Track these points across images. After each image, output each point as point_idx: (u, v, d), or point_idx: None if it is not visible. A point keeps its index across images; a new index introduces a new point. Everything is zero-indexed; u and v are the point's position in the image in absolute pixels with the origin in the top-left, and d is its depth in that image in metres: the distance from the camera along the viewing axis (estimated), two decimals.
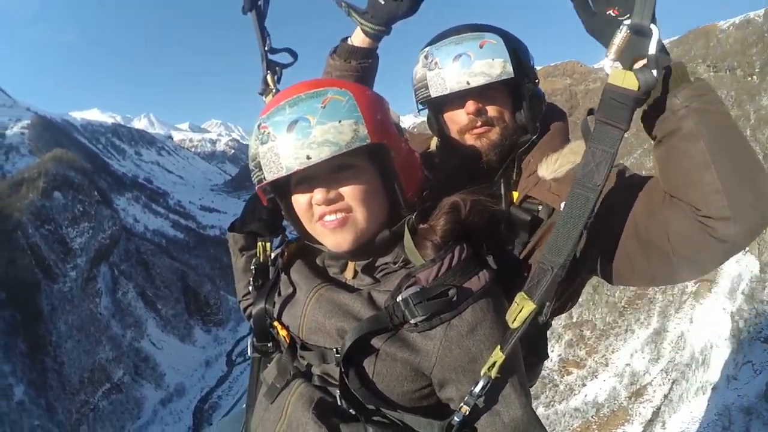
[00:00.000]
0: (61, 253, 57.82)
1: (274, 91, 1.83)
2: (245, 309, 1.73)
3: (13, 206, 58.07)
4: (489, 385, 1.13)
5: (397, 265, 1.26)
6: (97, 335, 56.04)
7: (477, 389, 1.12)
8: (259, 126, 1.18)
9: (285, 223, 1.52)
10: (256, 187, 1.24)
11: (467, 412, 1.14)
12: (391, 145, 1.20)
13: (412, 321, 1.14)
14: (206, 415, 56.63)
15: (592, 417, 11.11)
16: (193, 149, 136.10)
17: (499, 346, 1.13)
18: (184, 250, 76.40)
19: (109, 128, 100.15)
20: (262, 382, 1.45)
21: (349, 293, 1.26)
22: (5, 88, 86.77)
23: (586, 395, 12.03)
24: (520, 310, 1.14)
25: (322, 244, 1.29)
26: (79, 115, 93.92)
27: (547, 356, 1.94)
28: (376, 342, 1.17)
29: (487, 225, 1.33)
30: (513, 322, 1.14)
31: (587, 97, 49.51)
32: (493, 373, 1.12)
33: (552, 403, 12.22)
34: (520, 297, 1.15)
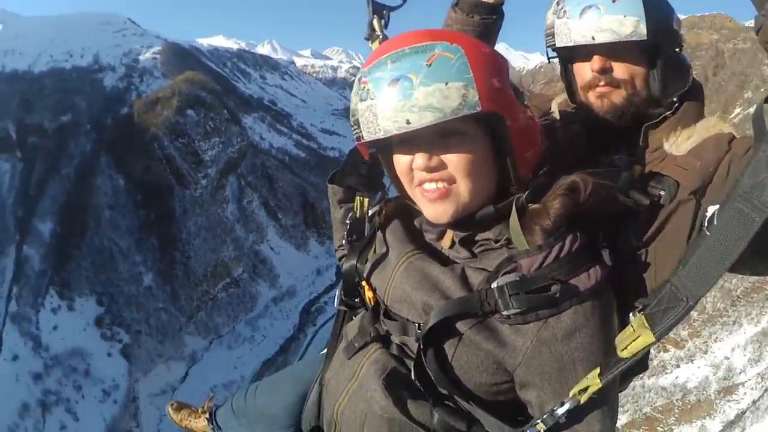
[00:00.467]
0: (194, 164, 63.74)
1: (380, 37, 1.71)
2: (339, 259, 1.61)
3: (150, 122, 64.16)
4: (574, 408, 1.02)
5: (498, 244, 1.14)
6: (222, 236, 61.54)
7: (560, 411, 1.02)
8: (359, 80, 1.08)
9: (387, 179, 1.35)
10: (356, 143, 1.16)
11: (543, 431, 1.05)
12: (507, 115, 1.06)
13: (505, 313, 1.04)
14: (312, 316, 59.82)
15: (676, 400, 11.64)
16: (314, 75, 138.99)
17: (597, 370, 1.01)
18: (305, 169, 79.81)
19: (234, 53, 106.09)
20: (343, 335, 1.41)
21: (442, 266, 1.17)
22: (135, 20, 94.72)
23: (677, 377, 12.33)
24: (635, 338, 0.99)
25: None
26: (205, 42, 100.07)
27: (647, 367, 1.61)
28: (461, 326, 1.08)
29: (606, 212, 1.18)
30: (622, 350, 1.00)
31: (735, 57, 43.90)
32: (583, 399, 1.01)
33: (641, 375, 11.09)
34: (638, 322, 0.99)
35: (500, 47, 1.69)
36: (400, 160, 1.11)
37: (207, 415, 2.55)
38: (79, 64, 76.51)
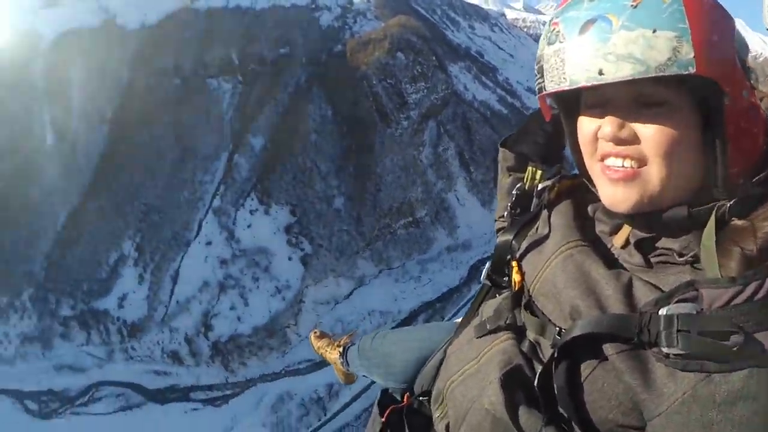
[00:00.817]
0: (398, 104, 64.31)
1: None
2: (497, 231, 1.53)
3: (361, 60, 66.16)
4: None
5: (683, 259, 0.92)
6: (414, 177, 61.84)
7: None
8: (551, 22, 0.94)
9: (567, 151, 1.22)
10: (537, 96, 1.03)
11: None
12: (728, 88, 0.82)
13: (665, 350, 0.82)
14: (479, 274, 57.02)
15: None
16: (525, 30, 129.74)
17: None
18: (505, 126, 75.78)
19: (445, 1, 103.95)
20: (480, 312, 1.35)
21: (606, 268, 0.97)
22: None
23: None
24: None
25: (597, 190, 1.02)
26: None
27: None
28: (608, 347, 0.89)
29: None
30: None
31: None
32: None
33: None
34: None
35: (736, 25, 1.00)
36: (585, 125, 0.94)
37: (341, 350, 2.68)
38: (298, 3, 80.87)
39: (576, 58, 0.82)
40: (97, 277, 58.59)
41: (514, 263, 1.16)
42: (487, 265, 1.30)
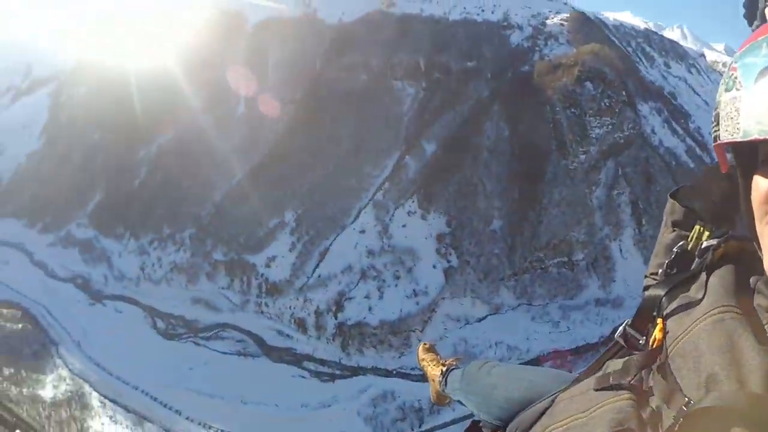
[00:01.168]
0: (578, 136, 62.20)
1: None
2: (645, 288, 1.42)
3: (547, 84, 64.58)
4: None
5: None
6: (580, 216, 59.23)
7: None
8: (729, 66, 0.90)
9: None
10: (713, 145, 0.96)
11: None
12: None
13: None
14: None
15: None
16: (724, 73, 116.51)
17: None
18: (689, 181, 68.59)
19: (640, 33, 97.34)
20: (604, 367, 1.28)
21: (757, 342, 0.89)
22: None
23: None
24: None
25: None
26: (611, 15, 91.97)
27: None
28: (737, 431, 0.81)
29: None
30: None
31: None
32: None
33: None
34: None
35: None
36: (759, 184, 0.85)
37: (444, 369, 2.68)
38: (490, 18, 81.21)
39: (750, 108, 0.77)
40: (254, 234, 63.90)
41: (659, 320, 1.09)
42: (625, 322, 1.24)
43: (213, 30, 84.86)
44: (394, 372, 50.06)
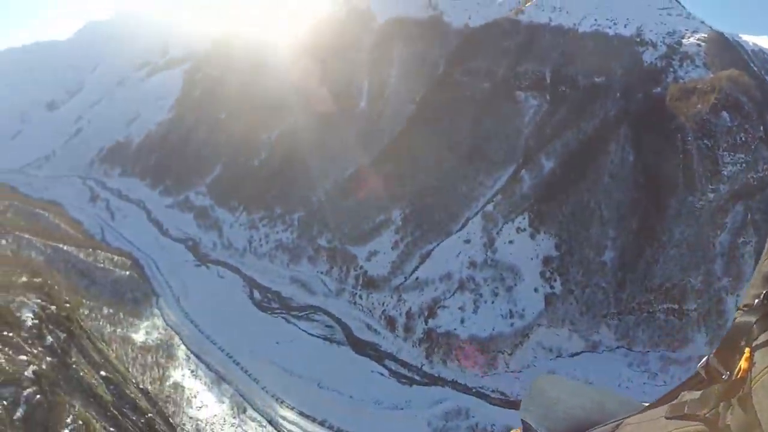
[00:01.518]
0: (708, 172, 57.97)
1: None
2: (735, 320, 1.31)
3: (681, 110, 60.84)
4: None
5: None
6: (699, 262, 55.20)
7: None
8: None
9: None
10: None
11: None
12: None
13: None
14: None
15: None
16: None
17: None
18: None
19: None
20: (679, 396, 1.27)
21: None
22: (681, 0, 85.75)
23: None
24: None
25: None
26: (750, 39, 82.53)
27: None
28: None
29: None
30: None
31: None
32: None
33: None
34: None
35: None
36: None
37: None
38: (622, 33, 77.74)
39: None
40: (360, 226, 66.21)
41: (747, 349, 1.04)
42: (709, 353, 1.20)
43: (342, 24, 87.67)
44: (474, 390, 49.70)
